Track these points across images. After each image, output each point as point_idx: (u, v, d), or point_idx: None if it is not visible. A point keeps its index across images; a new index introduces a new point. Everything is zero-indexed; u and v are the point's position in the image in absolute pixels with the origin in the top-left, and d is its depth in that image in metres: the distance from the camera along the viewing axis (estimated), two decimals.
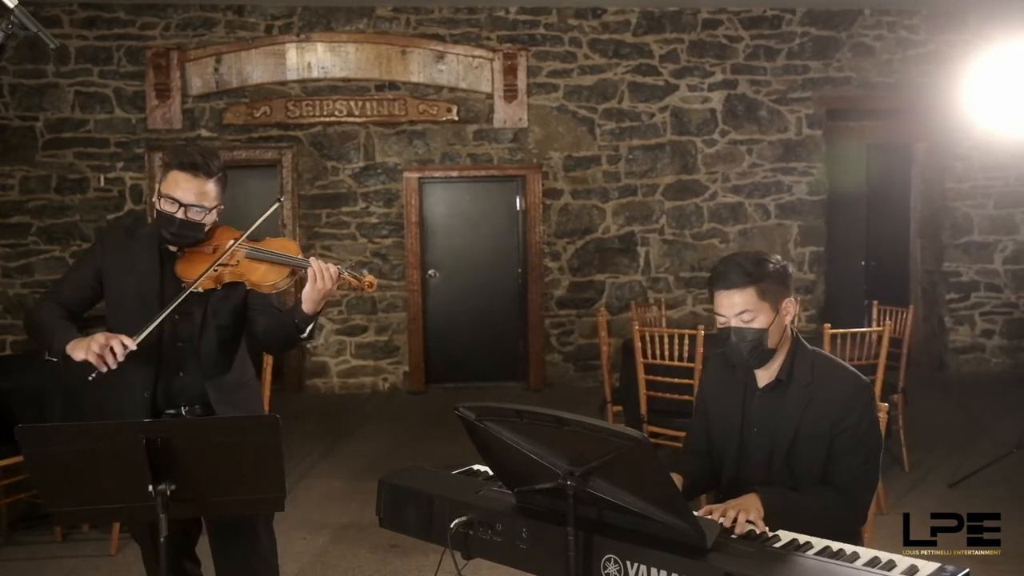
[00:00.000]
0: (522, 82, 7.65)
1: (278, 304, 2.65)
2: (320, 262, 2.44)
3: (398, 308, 7.71)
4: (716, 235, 7.91)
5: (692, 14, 7.81)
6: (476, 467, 2.37)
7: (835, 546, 1.87)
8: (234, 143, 7.46)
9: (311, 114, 7.53)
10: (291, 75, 7.52)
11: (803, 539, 1.93)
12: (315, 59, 7.53)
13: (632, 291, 7.86)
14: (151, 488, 1.93)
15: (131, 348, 2.34)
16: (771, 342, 2.28)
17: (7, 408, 3.89)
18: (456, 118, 7.62)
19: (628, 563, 1.78)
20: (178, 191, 2.46)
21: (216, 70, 7.46)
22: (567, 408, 1.80)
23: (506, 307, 7.94)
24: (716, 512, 2.03)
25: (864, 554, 1.82)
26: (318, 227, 7.61)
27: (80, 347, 2.35)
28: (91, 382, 2.33)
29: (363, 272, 2.52)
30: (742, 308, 2.25)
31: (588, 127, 7.79)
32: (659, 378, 4.52)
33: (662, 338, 4.56)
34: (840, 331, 4.62)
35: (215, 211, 2.53)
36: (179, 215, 2.46)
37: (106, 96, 7.43)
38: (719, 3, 7.72)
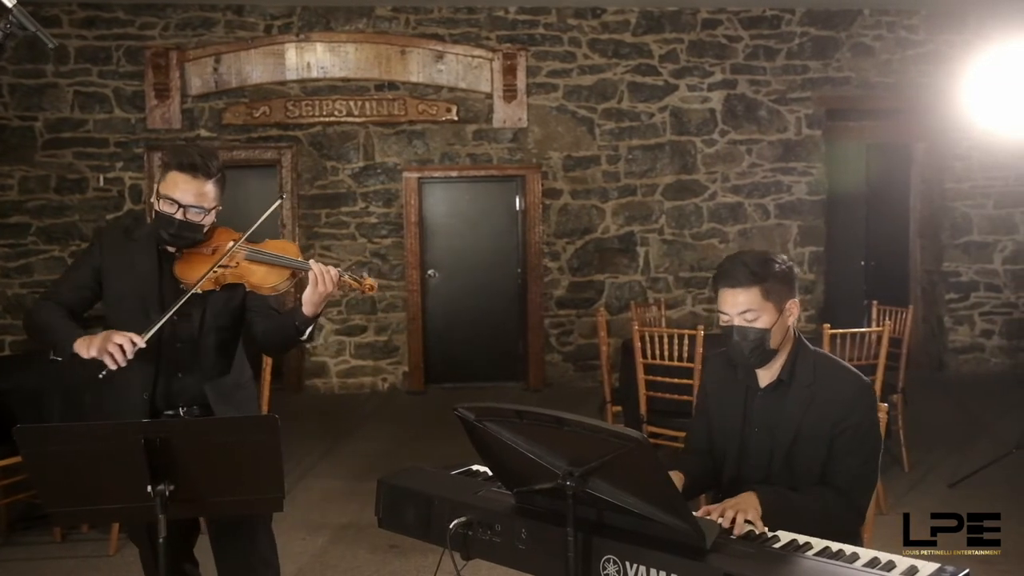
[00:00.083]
0: (521, 82, 7.65)
1: (276, 305, 2.65)
2: (321, 265, 2.44)
3: (397, 308, 7.71)
4: (716, 235, 7.91)
5: (691, 14, 7.81)
6: (475, 467, 2.37)
7: (835, 547, 1.87)
8: (233, 143, 7.45)
9: (310, 114, 7.52)
10: (290, 75, 7.52)
11: (803, 540, 1.93)
12: (314, 59, 7.53)
13: (632, 291, 7.86)
14: (150, 488, 1.93)
15: (140, 345, 2.34)
16: (773, 342, 2.28)
17: (6, 408, 3.90)
18: (455, 118, 7.62)
19: (627, 564, 1.78)
20: (177, 192, 2.45)
21: (215, 70, 7.46)
22: (566, 408, 1.80)
23: (506, 307, 7.94)
24: (714, 512, 2.03)
25: (864, 555, 1.82)
26: (317, 227, 7.61)
27: (89, 345, 2.34)
28: (90, 383, 2.32)
29: (363, 275, 2.52)
30: (746, 307, 2.25)
31: (587, 127, 7.79)
32: (659, 378, 4.52)
33: (661, 338, 4.56)
34: (840, 331, 4.62)
35: (214, 212, 2.52)
36: (178, 216, 2.46)
37: (105, 96, 7.43)
38: (718, 3, 7.72)
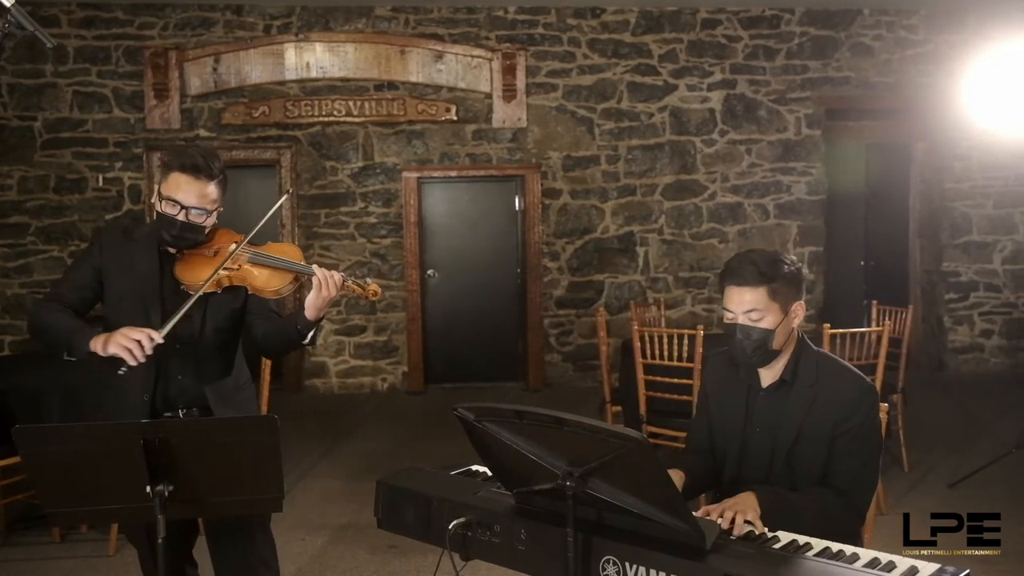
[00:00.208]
0: (521, 82, 7.64)
1: (276, 308, 2.64)
2: (325, 270, 2.43)
3: (397, 308, 7.71)
4: (715, 235, 7.91)
5: (691, 14, 7.80)
6: (475, 468, 2.36)
7: (835, 547, 1.87)
8: (232, 143, 7.45)
9: (310, 114, 7.52)
10: (290, 75, 7.52)
11: (803, 540, 1.92)
12: (314, 59, 7.52)
13: (631, 291, 7.86)
14: (149, 489, 1.93)
15: (158, 340, 2.33)
16: (776, 343, 2.27)
17: (5, 408, 3.89)
18: (455, 118, 7.61)
19: (627, 564, 1.78)
20: (179, 193, 2.44)
21: (215, 70, 7.45)
22: (566, 408, 1.80)
23: (505, 307, 7.93)
24: (713, 513, 2.03)
25: (864, 555, 1.82)
26: (317, 227, 7.60)
27: (106, 342, 2.33)
28: (89, 384, 2.31)
29: (367, 280, 2.51)
30: (751, 307, 2.24)
31: (587, 127, 7.78)
32: (658, 378, 4.52)
33: (661, 338, 4.55)
34: (839, 331, 4.62)
35: (215, 213, 2.52)
36: (180, 217, 2.45)
37: (104, 96, 7.42)
38: (718, 3, 7.72)
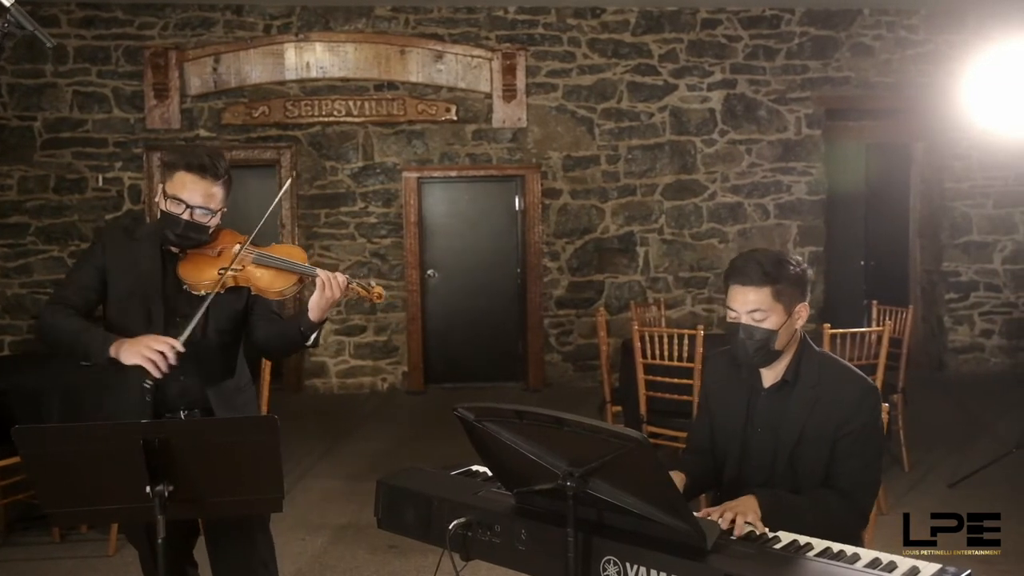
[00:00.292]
0: (521, 82, 7.64)
1: (278, 309, 2.64)
2: (328, 272, 2.44)
3: (397, 308, 7.70)
4: (715, 235, 7.91)
5: (691, 14, 7.80)
6: (475, 468, 2.36)
7: (836, 547, 1.86)
8: (232, 143, 7.44)
9: (310, 114, 7.52)
10: (290, 75, 7.51)
11: (803, 540, 1.92)
12: (314, 59, 7.52)
13: (631, 291, 7.85)
14: (149, 489, 1.92)
15: (180, 350, 2.33)
16: (778, 344, 2.26)
17: (5, 408, 3.88)
18: (455, 118, 7.61)
19: (628, 564, 1.77)
20: (185, 192, 2.44)
21: (215, 70, 7.45)
22: (566, 408, 1.79)
23: (505, 307, 7.93)
24: (714, 514, 2.02)
25: (865, 555, 1.81)
26: (317, 227, 7.60)
27: (129, 351, 2.32)
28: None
29: (371, 282, 2.51)
30: (755, 307, 2.23)
31: (587, 127, 7.78)
32: (658, 378, 4.51)
33: (661, 338, 4.55)
34: (840, 331, 4.61)
35: (219, 214, 2.51)
36: (184, 216, 2.44)
37: (104, 96, 7.42)
38: (718, 3, 7.71)
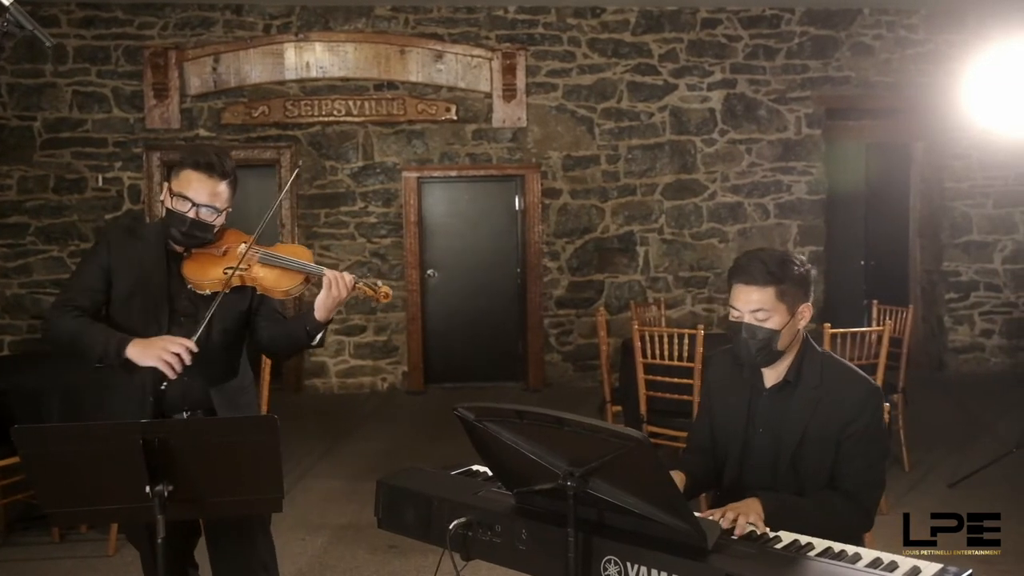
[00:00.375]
0: (521, 81, 7.64)
1: (281, 310, 2.64)
2: (335, 271, 2.43)
3: (397, 308, 7.70)
4: (715, 235, 7.90)
5: (691, 13, 7.80)
6: (475, 468, 2.35)
7: (837, 547, 1.86)
8: (232, 143, 7.43)
9: (309, 114, 7.51)
10: (289, 75, 7.51)
11: (804, 540, 1.92)
12: (313, 59, 7.51)
13: (631, 291, 7.85)
14: (148, 489, 1.92)
15: (194, 350, 2.34)
16: (781, 344, 2.25)
17: (5, 408, 3.88)
18: (455, 118, 7.60)
19: (628, 564, 1.77)
20: (191, 190, 2.44)
21: (214, 70, 7.44)
22: (566, 408, 1.79)
23: (505, 307, 7.93)
24: (716, 514, 2.01)
25: (866, 555, 1.81)
26: (316, 227, 7.60)
27: (144, 353, 2.33)
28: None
29: (378, 282, 2.51)
30: (758, 306, 2.22)
31: (587, 127, 7.78)
32: (658, 378, 4.51)
33: (661, 338, 4.55)
34: (840, 331, 4.61)
35: (224, 213, 2.51)
36: (190, 215, 2.44)
37: (104, 96, 7.42)
38: (718, 2, 7.71)
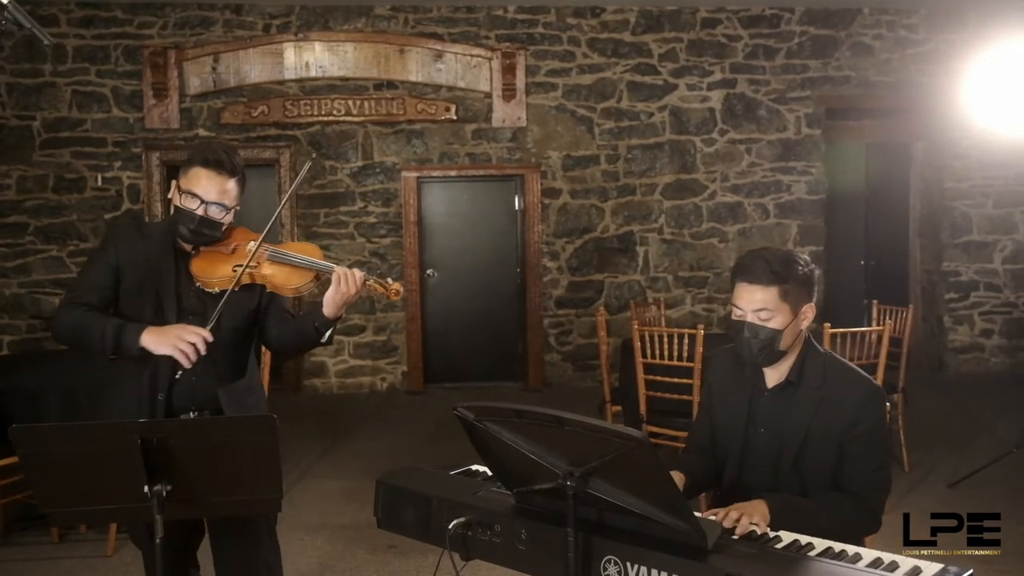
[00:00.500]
0: (521, 81, 7.63)
1: (289, 309, 2.63)
2: (345, 268, 2.42)
3: (396, 308, 7.70)
4: (715, 235, 7.90)
5: (691, 13, 7.80)
6: (475, 467, 2.35)
7: (837, 547, 1.86)
8: (232, 143, 7.41)
9: (309, 113, 7.51)
10: (289, 74, 7.50)
11: (805, 540, 1.91)
12: (313, 58, 7.51)
13: (631, 291, 7.85)
14: (147, 489, 1.91)
15: (209, 340, 2.33)
16: (783, 344, 2.24)
17: (3, 408, 3.88)
18: (454, 117, 7.60)
19: (628, 564, 1.76)
20: (200, 188, 2.43)
21: (214, 69, 7.44)
22: (566, 408, 1.78)
23: (505, 307, 7.92)
24: (720, 514, 2.01)
25: (867, 555, 1.80)
26: (316, 227, 7.59)
27: (159, 341, 2.32)
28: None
29: (388, 279, 2.49)
30: (761, 306, 2.21)
31: (587, 126, 7.77)
32: (658, 378, 4.51)
33: (661, 338, 4.54)
34: (840, 331, 4.61)
35: (233, 212, 2.50)
36: (199, 212, 2.43)
37: (103, 95, 7.41)
38: (718, 2, 7.71)
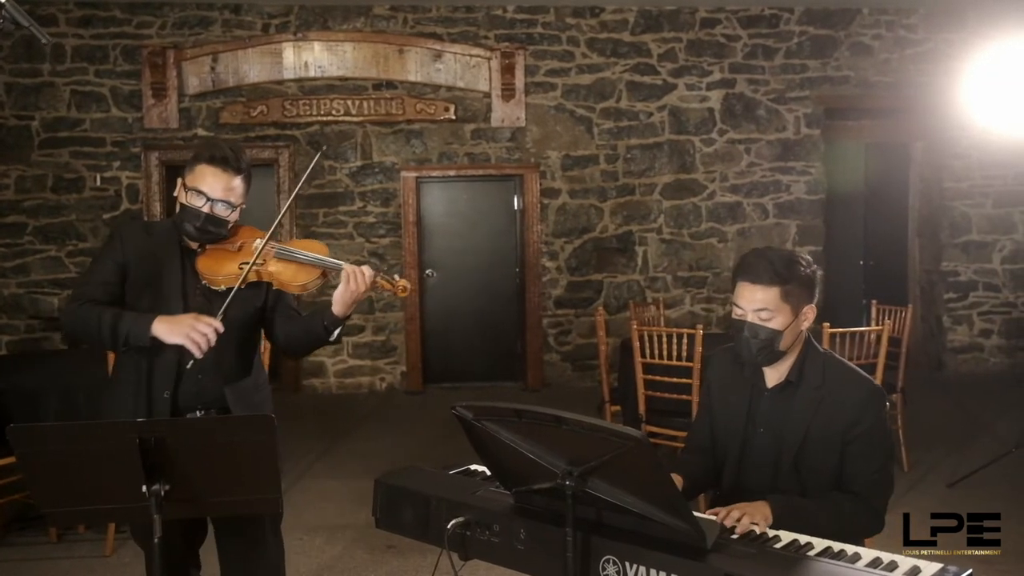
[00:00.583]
0: (520, 81, 7.63)
1: (296, 307, 2.62)
2: (354, 265, 2.41)
3: (395, 308, 7.69)
4: (714, 235, 7.90)
5: (690, 13, 7.79)
6: (474, 467, 2.35)
7: (836, 547, 1.86)
8: (231, 143, 7.42)
9: (308, 113, 7.50)
10: (288, 74, 7.50)
11: (804, 540, 1.91)
12: (312, 58, 7.50)
13: (630, 290, 7.84)
14: (145, 488, 1.91)
15: (220, 330, 2.33)
16: (783, 344, 2.24)
17: (2, 408, 3.87)
18: (453, 117, 7.60)
19: (627, 564, 1.76)
20: (205, 185, 2.43)
21: (213, 69, 7.43)
22: (565, 408, 1.78)
23: (504, 307, 7.92)
24: (721, 512, 2.00)
25: (866, 555, 1.80)
26: (315, 227, 7.58)
27: (172, 330, 2.32)
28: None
29: (395, 276, 2.48)
30: (762, 306, 2.20)
31: (586, 126, 7.77)
32: (657, 378, 4.51)
33: (660, 337, 4.54)
34: (839, 330, 4.61)
35: (239, 210, 2.50)
36: (205, 209, 2.43)
37: (102, 95, 7.40)
38: (717, 2, 7.71)
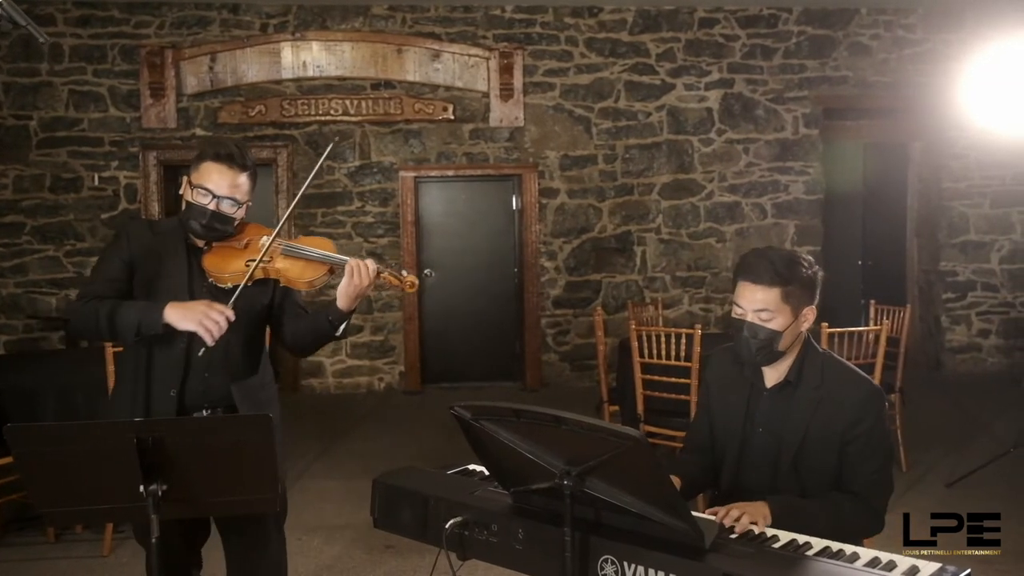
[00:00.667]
0: (518, 81, 7.63)
1: (303, 304, 2.62)
2: (358, 259, 2.41)
3: (394, 308, 7.69)
4: (713, 235, 7.90)
5: (688, 13, 7.80)
6: (472, 467, 2.34)
7: (835, 546, 1.85)
8: None
9: (306, 113, 7.50)
10: (286, 74, 7.49)
11: (802, 539, 1.91)
12: (310, 58, 7.50)
13: (628, 290, 7.84)
14: (142, 488, 1.90)
15: (232, 318, 2.32)
16: (782, 345, 2.23)
17: (0, 408, 3.87)
18: (452, 117, 7.59)
19: (625, 564, 1.76)
20: (211, 182, 2.42)
21: (211, 69, 7.43)
22: (563, 408, 1.78)
23: (502, 307, 7.92)
24: (721, 511, 2.00)
25: (864, 554, 1.80)
26: (313, 226, 7.58)
27: (184, 316, 2.31)
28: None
29: (403, 272, 2.47)
30: (762, 306, 2.20)
31: (584, 126, 7.77)
32: (656, 377, 4.51)
33: (659, 337, 4.54)
34: (837, 330, 4.61)
35: (244, 207, 2.49)
36: (211, 207, 2.42)
37: (100, 95, 7.40)
38: (716, 2, 7.71)
